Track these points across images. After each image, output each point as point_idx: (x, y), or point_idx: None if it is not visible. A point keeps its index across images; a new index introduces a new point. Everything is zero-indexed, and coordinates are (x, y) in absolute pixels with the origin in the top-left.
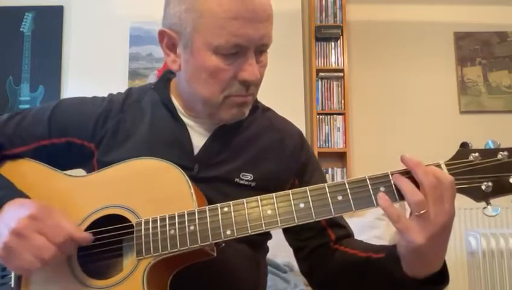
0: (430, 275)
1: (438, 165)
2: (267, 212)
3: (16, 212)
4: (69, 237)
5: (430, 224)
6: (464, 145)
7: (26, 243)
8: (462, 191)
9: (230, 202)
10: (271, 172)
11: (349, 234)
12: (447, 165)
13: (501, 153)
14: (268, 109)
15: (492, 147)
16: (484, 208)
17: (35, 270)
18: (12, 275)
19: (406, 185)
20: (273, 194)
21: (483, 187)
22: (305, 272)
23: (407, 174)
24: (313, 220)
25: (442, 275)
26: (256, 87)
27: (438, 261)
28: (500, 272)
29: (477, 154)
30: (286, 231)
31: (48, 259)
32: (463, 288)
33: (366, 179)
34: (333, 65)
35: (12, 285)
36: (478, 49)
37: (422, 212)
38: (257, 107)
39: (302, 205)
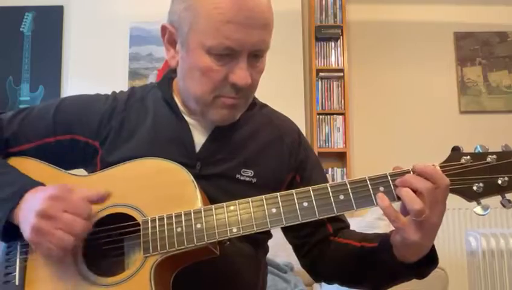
0: (419, 259)
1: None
2: (272, 211)
3: (37, 196)
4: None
5: (425, 224)
6: (455, 149)
7: (55, 222)
8: (455, 191)
9: (236, 201)
10: (271, 168)
11: (345, 226)
12: (441, 167)
13: (490, 156)
14: (265, 106)
15: (481, 151)
16: (475, 207)
17: (69, 248)
18: (17, 273)
19: (405, 194)
20: (277, 193)
21: (474, 188)
22: (306, 266)
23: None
24: (316, 218)
25: (430, 257)
26: (248, 92)
27: (427, 249)
28: (500, 272)
29: (468, 157)
30: (286, 230)
31: (79, 232)
32: (463, 288)
33: (366, 180)
34: (333, 65)
35: (17, 283)
36: (478, 49)
37: (421, 218)
38: (254, 104)
39: (305, 204)
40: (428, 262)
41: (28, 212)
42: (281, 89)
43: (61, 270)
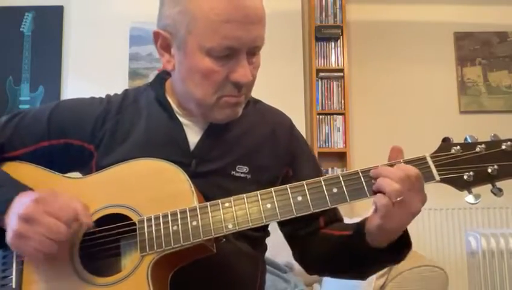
0: (391, 243)
1: (424, 158)
2: (267, 206)
3: (22, 200)
4: (76, 214)
5: (404, 209)
6: (446, 140)
7: (36, 227)
8: (446, 181)
9: (231, 198)
10: (265, 164)
11: (337, 219)
12: (431, 157)
13: (479, 146)
14: (258, 101)
15: (470, 141)
16: (466, 196)
17: (50, 251)
18: (13, 275)
19: (381, 181)
20: (272, 188)
21: (465, 177)
22: (298, 259)
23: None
24: (310, 212)
25: (403, 241)
26: (249, 88)
27: (399, 233)
28: (500, 272)
29: (458, 147)
30: (281, 224)
31: (60, 238)
32: (463, 288)
33: (358, 172)
34: (333, 65)
35: (13, 285)
36: (478, 49)
37: (398, 199)
38: (248, 100)
39: (299, 198)
40: (401, 245)
41: (12, 216)
42: (281, 89)
43: (58, 272)
